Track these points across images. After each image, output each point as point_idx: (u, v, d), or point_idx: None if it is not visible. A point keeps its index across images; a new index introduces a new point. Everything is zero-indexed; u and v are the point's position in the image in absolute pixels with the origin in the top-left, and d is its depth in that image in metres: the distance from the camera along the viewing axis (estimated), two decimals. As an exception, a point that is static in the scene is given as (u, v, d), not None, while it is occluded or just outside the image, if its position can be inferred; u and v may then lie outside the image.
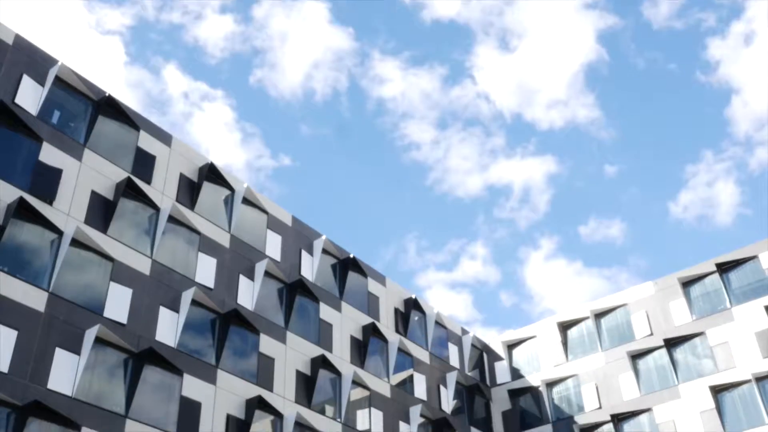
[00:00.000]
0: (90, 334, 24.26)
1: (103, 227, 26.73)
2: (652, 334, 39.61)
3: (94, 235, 26.15)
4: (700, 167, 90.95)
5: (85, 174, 26.86)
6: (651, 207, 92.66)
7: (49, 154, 25.87)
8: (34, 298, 23.47)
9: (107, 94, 28.70)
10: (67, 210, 25.69)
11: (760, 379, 35.35)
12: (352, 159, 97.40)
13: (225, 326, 29.36)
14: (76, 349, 23.85)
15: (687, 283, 39.81)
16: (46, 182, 25.34)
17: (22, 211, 24.14)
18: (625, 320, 41.17)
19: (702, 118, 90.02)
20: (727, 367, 36.52)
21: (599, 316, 42.18)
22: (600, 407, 39.55)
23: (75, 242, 25.40)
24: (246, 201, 33.34)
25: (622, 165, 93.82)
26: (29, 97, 26.07)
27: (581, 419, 39.90)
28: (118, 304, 25.93)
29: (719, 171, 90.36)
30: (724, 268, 38.80)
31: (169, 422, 25.83)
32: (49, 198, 25.16)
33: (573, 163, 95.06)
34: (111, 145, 28.51)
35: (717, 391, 36.36)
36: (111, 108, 28.96)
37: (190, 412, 26.59)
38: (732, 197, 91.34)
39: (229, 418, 27.86)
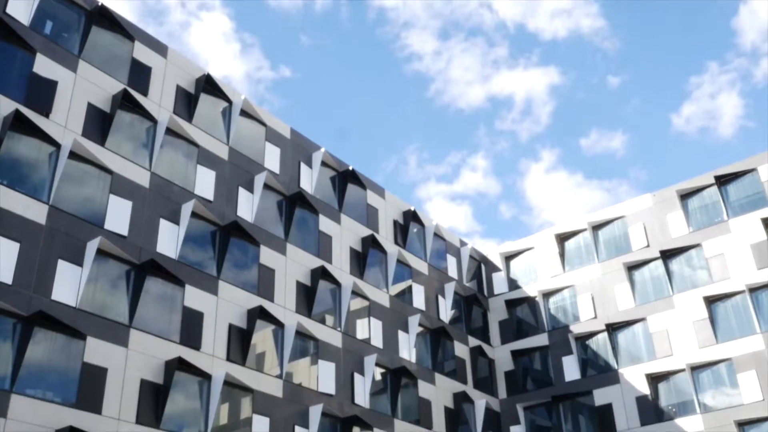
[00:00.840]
0: (91, 246, 24.51)
1: (101, 140, 26.63)
2: (648, 245, 40.00)
3: (92, 148, 26.09)
4: (704, 78, 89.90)
5: (80, 86, 26.58)
6: (653, 119, 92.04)
7: (43, 66, 25.54)
8: (35, 211, 23.60)
9: (100, 4, 28.12)
10: (64, 122, 25.54)
11: (753, 290, 35.89)
12: (353, 70, 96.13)
13: (225, 238, 29.62)
14: (78, 261, 24.14)
15: (685, 196, 39.95)
16: (42, 94, 25.10)
17: (18, 123, 24.00)
18: (622, 232, 41.51)
19: (708, 28, 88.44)
20: (722, 278, 37.02)
21: (597, 228, 42.51)
22: (595, 317, 40.31)
23: (73, 155, 25.36)
24: (244, 113, 33.11)
25: (626, 76, 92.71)
26: (21, 7, 25.54)
27: (576, 328, 40.72)
28: (118, 216, 26.09)
29: (723, 83, 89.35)
30: (722, 181, 38.85)
31: (172, 332, 26.38)
32: (45, 110, 24.98)
33: (576, 74, 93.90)
34: (106, 57, 28.12)
35: (711, 301, 36.97)
36: (104, 18, 28.44)
37: (192, 321, 27.12)
38: (735, 109, 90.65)
39: (231, 327, 28.43)
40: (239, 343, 28.51)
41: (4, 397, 20.90)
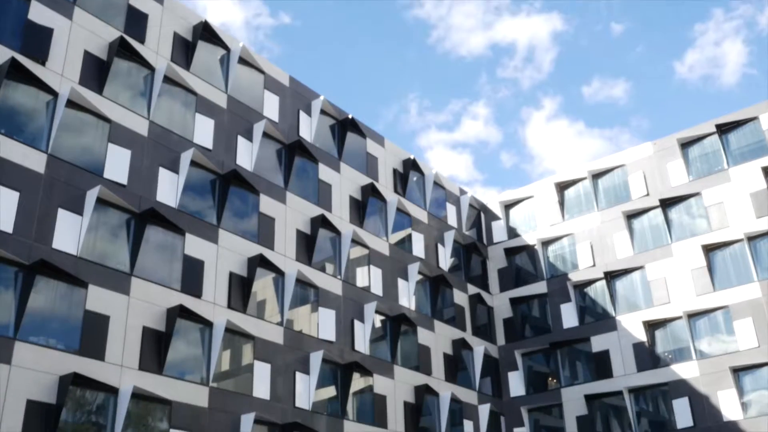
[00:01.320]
0: (91, 195, 24.54)
1: (98, 88, 26.46)
2: (648, 194, 40.02)
3: (90, 96, 25.94)
4: (708, 26, 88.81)
5: (76, 33, 26.30)
6: (656, 67, 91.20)
7: (39, 13, 25.23)
8: (34, 160, 23.58)
9: (95, -51, 27.65)
10: (61, 70, 25.34)
11: (752, 238, 36.02)
12: (353, 17, 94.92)
13: (225, 187, 29.64)
14: (78, 210, 24.20)
15: (686, 144, 39.82)
16: (38, 42, 24.86)
17: (14, 71, 23.82)
18: (622, 180, 41.51)
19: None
20: (721, 227, 37.13)
21: (597, 176, 42.48)
22: (594, 265, 40.55)
23: (71, 103, 25.23)
24: (242, 61, 32.83)
25: (629, 23, 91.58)
26: (14, -49, 25.12)
27: (575, 276, 41.00)
28: (117, 165, 26.07)
29: (728, 30, 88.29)
30: (723, 129, 38.69)
31: (173, 280, 26.59)
32: (41, 58, 24.77)
33: (579, 21, 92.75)
34: (101, 3, 27.76)
35: (709, 249, 37.14)
36: (100, -37, 27.99)
37: (193, 270, 27.31)
38: (739, 56, 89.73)
39: (231, 275, 28.64)
40: (240, 290, 28.75)
41: (8, 344, 21.17)
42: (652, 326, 37.73)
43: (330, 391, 31.39)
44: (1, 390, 20.58)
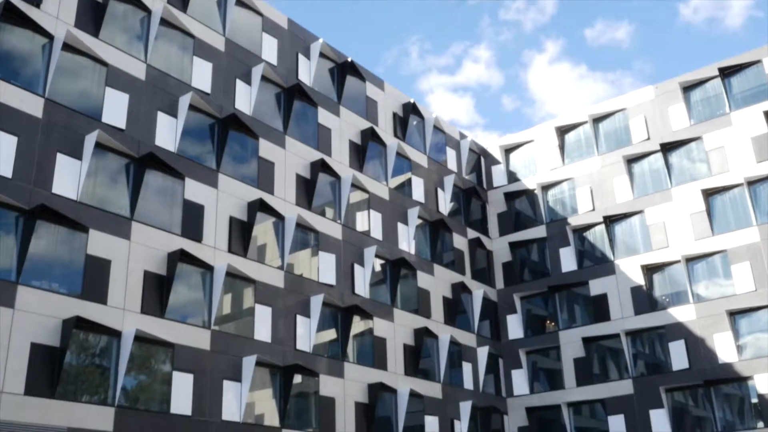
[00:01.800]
0: (90, 139, 24.44)
1: (95, 31, 26.12)
2: (648, 138, 39.86)
3: (86, 39, 25.63)
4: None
5: (71, -26, 25.83)
6: (660, 9, 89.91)
7: (32, -47, 24.76)
8: (31, 104, 23.41)
9: None
10: (56, 13, 24.98)
11: (751, 183, 36.00)
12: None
13: (224, 131, 29.51)
14: (77, 155, 24.13)
15: (688, 88, 39.51)
16: (32, -17, 24.45)
17: (8, 14, 23.49)
18: (623, 125, 41.29)
19: None
20: (721, 171, 37.08)
21: (597, 120, 42.25)
22: (593, 209, 40.62)
23: (67, 47, 24.94)
24: (240, 2, 32.35)
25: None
26: None
27: (574, 221, 41.11)
28: (115, 109, 25.90)
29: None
30: (726, 73, 38.33)
31: (174, 224, 26.66)
32: (35, 1, 24.39)
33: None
34: (96, -57, 27.21)
35: (709, 194, 37.16)
36: None
37: (193, 214, 27.37)
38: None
39: (231, 220, 28.72)
40: (240, 235, 28.86)
41: (10, 288, 21.34)
42: (650, 270, 37.98)
43: (330, 334, 31.76)
44: (6, 333, 20.83)
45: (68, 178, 23.66)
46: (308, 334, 30.10)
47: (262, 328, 28.42)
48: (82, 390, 22.49)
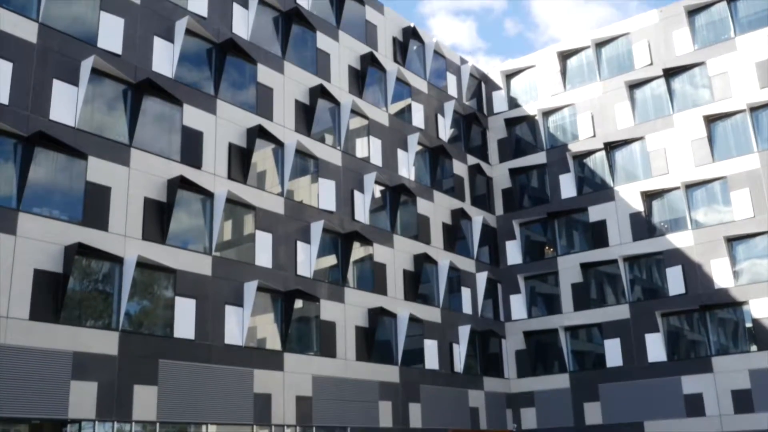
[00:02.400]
0: (86, 65, 24.14)
1: (88, -48, 25.51)
2: (651, 63, 39.38)
3: (79, -38, 25.06)
4: None
5: None
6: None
7: None
8: (25, 29, 23.02)
9: None
10: (48, -66, 24.35)
11: (754, 109, 35.74)
12: None
13: (221, 56, 29.12)
14: (73, 81, 23.87)
15: (693, 12, 38.82)
16: None
17: (-1, -65, 22.91)
18: (625, 49, 40.72)
19: None
20: (723, 97, 36.76)
21: (600, 45, 41.65)
22: (594, 135, 40.43)
23: (60, -31, 24.40)
24: None
25: None
26: None
27: (574, 147, 40.97)
28: (111, 34, 25.49)
29: None
30: (733, -4, 37.62)
31: (173, 151, 26.59)
32: None
33: None
34: None
35: (710, 120, 36.93)
36: None
37: (192, 141, 27.26)
38: None
39: (231, 146, 28.62)
40: (240, 161, 28.81)
41: (11, 215, 21.43)
42: (649, 197, 38.06)
43: (331, 260, 32.05)
44: (9, 260, 21.01)
45: (65, 104, 23.48)
46: (309, 260, 30.37)
47: (263, 254, 28.66)
48: (86, 315, 22.82)
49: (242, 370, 26.50)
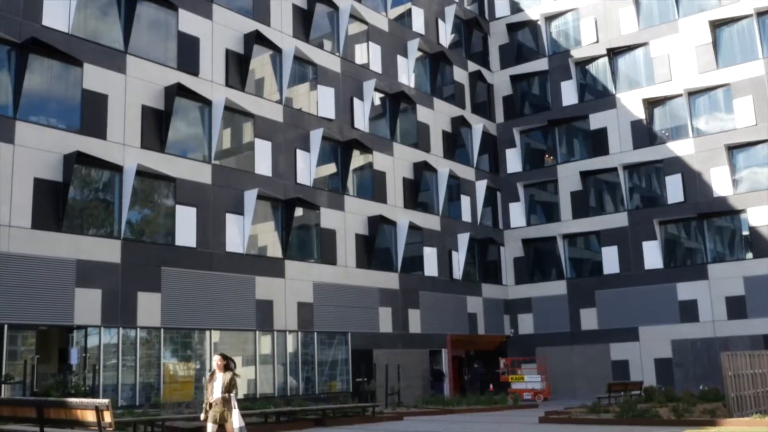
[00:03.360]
0: (77, -32, 23.44)
1: None
2: (658, -34, 38.32)
3: None
4: None
5: None
6: None
7: None
8: (13, -71, 22.25)
9: None
10: None
11: (761, 13, 34.96)
12: None
13: (216, -41, 28.28)
14: (65, -16, 23.22)
15: None
16: None
17: None
18: (632, -49, 39.52)
19: None
20: (730, 2, 35.91)
21: (606, -54, 40.40)
22: (597, 41, 39.68)
23: None
24: None
25: None
26: None
27: (577, 53, 40.27)
28: (102, -65, 24.66)
29: None
30: None
31: (169, 58, 26.10)
32: None
33: None
34: None
35: (716, 25, 36.17)
36: None
37: (188, 47, 26.73)
38: None
39: (228, 53, 28.09)
40: (237, 68, 28.34)
41: (8, 124, 21.21)
42: (651, 104, 37.67)
43: (330, 168, 31.96)
44: (8, 169, 20.93)
45: (58, 9, 22.89)
46: (308, 168, 30.28)
47: (263, 162, 28.55)
48: (88, 224, 22.90)
49: (244, 277, 26.81)
